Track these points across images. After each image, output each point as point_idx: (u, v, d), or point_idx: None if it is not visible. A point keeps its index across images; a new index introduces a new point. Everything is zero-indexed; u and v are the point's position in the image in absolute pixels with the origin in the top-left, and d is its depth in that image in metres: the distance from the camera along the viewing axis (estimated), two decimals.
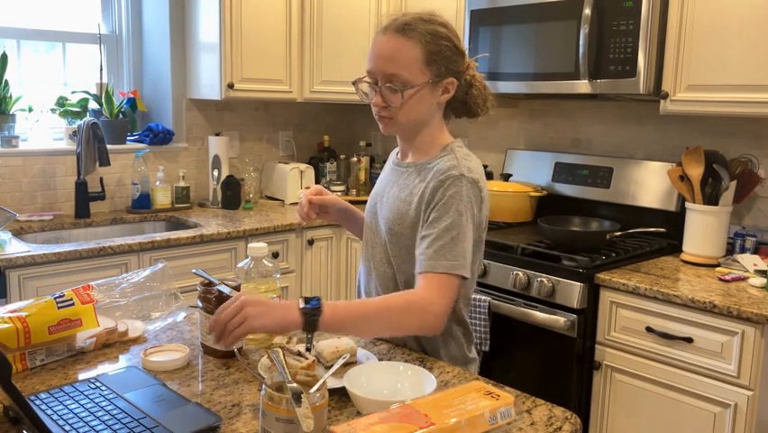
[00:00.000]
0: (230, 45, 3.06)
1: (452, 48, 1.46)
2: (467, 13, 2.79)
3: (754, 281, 2.09)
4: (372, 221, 1.59)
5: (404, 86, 1.42)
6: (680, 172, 2.38)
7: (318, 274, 3.16)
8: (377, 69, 1.44)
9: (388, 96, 1.44)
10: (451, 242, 1.37)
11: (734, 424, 1.92)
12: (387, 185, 1.59)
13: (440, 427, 0.98)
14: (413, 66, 1.42)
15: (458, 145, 1.52)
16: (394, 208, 1.51)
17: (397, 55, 1.42)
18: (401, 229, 1.48)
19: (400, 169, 1.57)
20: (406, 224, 1.47)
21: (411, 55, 1.41)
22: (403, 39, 1.42)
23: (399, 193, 1.51)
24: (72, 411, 1.14)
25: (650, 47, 2.28)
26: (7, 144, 2.84)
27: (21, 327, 1.30)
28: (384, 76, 1.43)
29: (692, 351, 1.99)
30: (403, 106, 1.44)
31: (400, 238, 1.49)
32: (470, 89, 1.52)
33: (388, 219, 1.52)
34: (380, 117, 1.49)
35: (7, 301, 2.24)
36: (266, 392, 1.00)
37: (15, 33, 3.02)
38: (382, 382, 1.26)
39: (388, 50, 1.43)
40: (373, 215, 1.59)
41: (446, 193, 1.40)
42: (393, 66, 1.42)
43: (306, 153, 3.82)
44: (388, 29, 1.44)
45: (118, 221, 3.02)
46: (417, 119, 1.49)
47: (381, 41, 1.45)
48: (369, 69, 1.47)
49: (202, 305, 1.43)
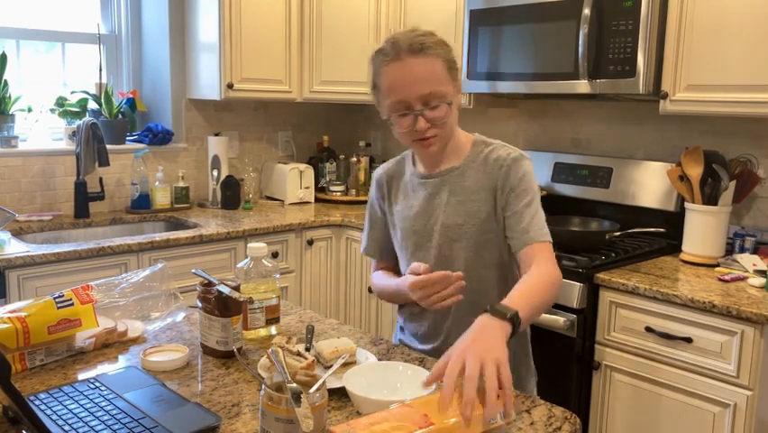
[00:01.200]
0: (229, 45, 3.06)
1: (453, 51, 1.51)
2: (466, 13, 2.79)
3: (754, 281, 2.09)
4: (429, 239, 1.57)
5: (443, 99, 1.45)
6: (679, 172, 2.38)
7: (318, 274, 3.16)
8: (412, 94, 1.43)
9: (432, 116, 1.45)
10: (537, 214, 1.47)
11: (733, 424, 1.92)
12: (429, 198, 1.57)
13: (439, 426, 0.98)
14: (443, 79, 1.45)
15: (481, 137, 1.59)
16: (460, 213, 1.52)
17: (426, 74, 1.43)
18: (476, 227, 1.51)
19: (438, 179, 1.56)
20: (480, 220, 1.51)
21: (438, 69, 1.44)
22: (423, 57, 1.43)
23: (456, 198, 1.53)
24: (71, 411, 1.14)
25: (649, 47, 2.28)
26: (7, 144, 2.84)
27: (20, 328, 1.30)
28: (421, 98, 1.43)
29: (692, 351, 1.99)
30: (447, 120, 1.47)
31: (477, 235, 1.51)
32: None
33: (458, 225, 1.52)
34: (425, 139, 1.48)
35: (7, 301, 2.24)
36: (265, 392, 1.00)
37: (15, 33, 3.02)
38: (382, 382, 1.25)
39: (416, 72, 1.43)
40: (429, 232, 1.56)
41: (518, 174, 1.48)
42: (428, 85, 1.43)
43: (306, 153, 3.82)
44: (399, 55, 1.43)
45: (117, 221, 3.02)
46: (454, 128, 1.53)
47: (402, 67, 1.43)
48: (399, 99, 1.45)
49: (201, 305, 1.43)
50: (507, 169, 1.49)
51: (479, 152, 1.55)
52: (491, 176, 1.51)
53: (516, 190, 1.48)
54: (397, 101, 1.45)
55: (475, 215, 1.51)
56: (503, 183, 1.49)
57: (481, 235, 1.51)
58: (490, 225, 1.51)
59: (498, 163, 1.51)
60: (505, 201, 1.49)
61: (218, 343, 1.41)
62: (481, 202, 1.51)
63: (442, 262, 1.55)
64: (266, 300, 1.55)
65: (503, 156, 1.51)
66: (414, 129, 1.45)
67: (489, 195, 1.51)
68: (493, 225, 1.51)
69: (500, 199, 1.50)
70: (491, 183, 1.51)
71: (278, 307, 1.59)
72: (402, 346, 1.55)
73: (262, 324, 1.56)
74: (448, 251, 1.54)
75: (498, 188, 1.50)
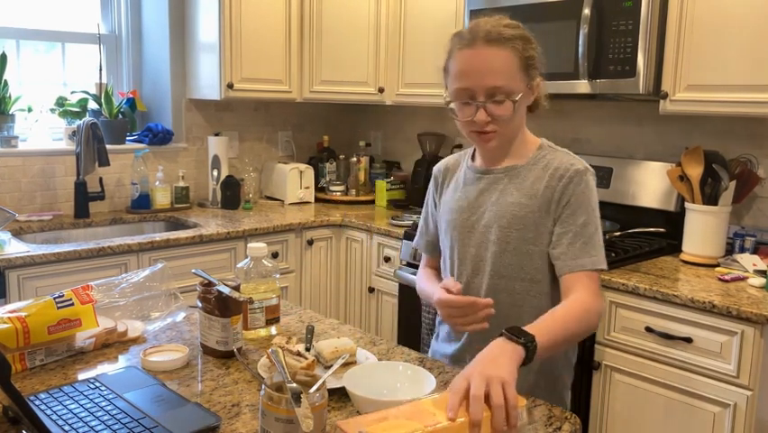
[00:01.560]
0: (229, 45, 3.06)
1: (537, 48, 1.43)
2: (466, 12, 2.79)
3: (754, 281, 2.09)
4: (468, 236, 1.51)
5: (509, 95, 1.37)
6: (679, 172, 2.38)
7: (318, 274, 3.16)
8: (477, 84, 1.37)
9: (494, 110, 1.38)
10: (590, 238, 1.39)
11: (733, 424, 1.92)
12: (479, 194, 1.51)
13: (446, 425, 0.98)
14: (514, 74, 1.38)
15: (549, 143, 1.52)
16: (507, 214, 1.44)
17: (496, 66, 1.36)
18: (518, 233, 1.43)
19: (493, 176, 1.50)
20: (525, 227, 1.43)
21: (509, 63, 1.37)
22: (497, 49, 1.37)
23: (506, 198, 1.46)
24: (71, 411, 1.14)
25: (649, 47, 2.28)
26: (7, 144, 2.84)
27: (20, 328, 1.30)
28: (486, 90, 1.37)
29: (692, 351, 1.99)
30: (511, 116, 1.40)
31: (519, 243, 1.43)
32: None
33: (501, 227, 1.45)
34: (483, 133, 1.42)
35: (7, 301, 2.24)
36: (265, 392, 1.00)
37: (15, 33, 3.02)
38: (382, 382, 1.25)
39: (486, 62, 1.37)
40: (470, 228, 1.51)
41: (577, 189, 1.40)
42: (495, 78, 1.36)
43: (306, 153, 3.82)
44: (475, 42, 1.37)
45: (117, 221, 3.02)
46: (518, 126, 1.47)
47: (473, 55, 1.38)
48: (464, 87, 1.39)
49: (201, 305, 1.43)
50: (567, 181, 1.41)
51: (541, 156, 1.48)
52: (549, 184, 1.43)
53: (572, 206, 1.40)
54: (462, 88, 1.40)
55: (522, 220, 1.43)
56: (560, 195, 1.41)
57: (524, 245, 1.44)
58: (537, 236, 1.43)
59: (559, 172, 1.42)
60: (558, 215, 1.41)
61: (218, 343, 1.41)
62: (532, 209, 1.43)
63: (477, 265, 1.49)
64: (266, 300, 1.55)
65: (565, 165, 1.43)
66: (473, 120, 1.40)
67: (542, 204, 1.43)
68: (539, 238, 1.43)
69: (554, 212, 1.42)
70: (548, 192, 1.42)
71: (278, 307, 1.59)
72: (402, 347, 1.55)
73: (262, 324, 1.56)
74: (485, 253, 1.48)
75: (554, 199, 1.42)
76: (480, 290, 1.49)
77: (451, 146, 3.45)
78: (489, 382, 1.02)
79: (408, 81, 3.21)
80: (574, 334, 1.32)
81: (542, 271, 1.44)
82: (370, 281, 3.10)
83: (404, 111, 3.71)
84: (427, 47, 3.09)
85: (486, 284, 1.49)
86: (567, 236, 1.40)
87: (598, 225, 1.41)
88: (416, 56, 3.15)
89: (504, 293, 1.46)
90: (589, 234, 1.39)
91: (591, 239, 1.39)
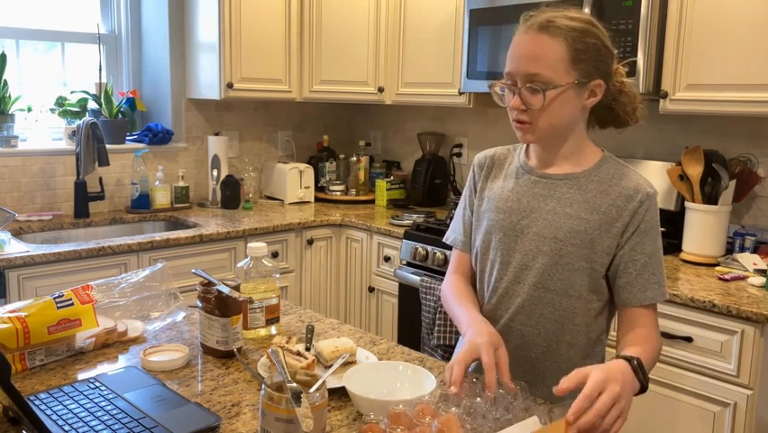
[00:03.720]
0: (229, 45, 3.06)
1: (602, 46, 1.33)
2: (466, 12, 2.79)
3: (754, 281, 2.09)
4: (516, 241, 1.41)
5: (546, 86, 1.29)
6: (679, 172, 2.38)
7: (318, 274, 3.16)
8: (517, 69, 1.32)
9: (528, 98, 1.31)
10: (657, 268, 1.35)
11: (733, 423, 1.92)
12: (532, 198, 1.41)
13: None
14: (557, 65, 1.29)
15: (612, 156, 1.44)
16: (564, 226, 1.36)
17: (539, 53, 1.29)
18: (574, 248, 1.35)
19: (550, 181, 1.40)
20: (582, 243, 1.35)
21: (555, 53, 1.29)
22: (545, 36, 1.30)
23: (565, 209, 1.37)
24: (71, 411, 1.14)
25: (649, 46, 2.28)
26: (6, 144, 2.84)
27: (20, 328, 1.30)
28: (525, 76, 1.30)
29: (692, 350, 1.99)
30: (545, 109, 1.31)
31: (573, 258, 1.35)
32: (620, 96, 1.41)
33: (555, 238, 1.36)
34: (519, 122, 1.35)
35: (6, 301, 2.24)
36: (265, 392, 1.00)
37: (14, 33, 3.02)
38: (382, 382, 1.25)
39: (529, 48, 1.31)
40: (519, 232, 1.40)
41: (647, 214, 1.34)
42: (535, 65, 1.29)
43: (306, 153, 3.82)
44: (530, 27, 1.32)
45: (117, 221, 3.02)
46: (560, 124, 1.35)
47: (523, 40, 1.33)
48: (508, 71, 1.34)
49: (201, 305, 1.43)
50: (638, 204, 1.34)
51: (605, 169, 1.39)
52: (616, 203, 1.35)
53: (642, 233, 1.33)
54: (507, 71, 1.35)
55: (580, 235, 1.34)
56: (629, 219, 1.33)
57: (578, 261, 1.35)
58: (591, 253, 1.35)
59: (629, 192, 1.35)
60: (625, 240, 1.34)
61: (218, 343, 1.41)
62: (593, 225, 1.34)
63: (520, 273, 1.40)
64: (266, 300, 1.55)
65: (641, 188, 1.35)
66: (510, 106, 1.34)
67: (604, 221, 1.34)
68: (593, 255, 1.35)
69: (618, 235, 1.34)
70: (613, 211, 1.34)
71: (277, 306, 1.59)
72: (402, 346, 1.54)
73: (262, 324, 1.56)
74: (533, 263, 1.38)
75: (620, 220, 1.34)
76: (518, 299, 1.40)
77: (451, 146, 3.46)
78: (616, 401, 1.05)
79: (408, 81, 3.21)
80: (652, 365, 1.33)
81: (590, 290, 1.37)
82: (370, 281, 3.10)
83: (404, 110, 3.71)
84: (427, 46, 3.09)
85: (527, 294, 1.39)
86: (635, 265, 1.34)
87: (662, 254, 1.37)
88: (416, 55, 3.15)
89: (548, 307, 1.38)
90: (657, 263, 1.35)
91: (658, 269, 1.35)
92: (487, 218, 1.45)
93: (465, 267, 1.54)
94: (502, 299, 1.42)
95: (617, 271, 1.35)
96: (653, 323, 1.35)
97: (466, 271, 1.54)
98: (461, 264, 1.55)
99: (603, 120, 1.45)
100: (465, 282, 1.53)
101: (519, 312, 1.40)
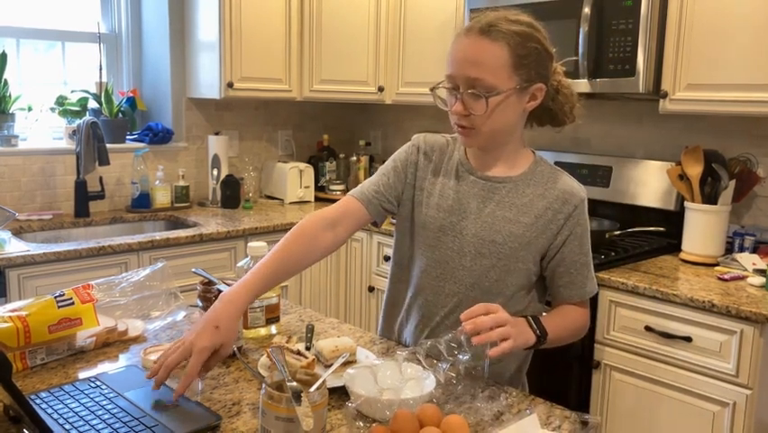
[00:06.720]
0: (229, 44, 3.06)
1: (542, 50, 1.34)
2: (466, 12, 2.79)
3: (753, 280, 2.09)
4: (452, 240, 1.43)
5: (488, 92, 1.29)
6: (679, 171, 2.38)
7: (318, 273, 3.16)
8: (458, 73, 1.31)
9: (471, 104, 1.31)
10: (590, 265, 1.45)
11: (732, 423, 1.92)
12: (472, 199, 1.43)
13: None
14: (499, 70, 1.29)
15: (543, 157, 1.48)
16: (502, 230, 1.39)
17: (481, 58, 1.29)
18: (512, 251, 1.39)
19: (490, 183, 1.43)
20: (519, 245, 1.39)
21: (497, 58, 1.29)
22: (487, 41, 1.29)
23: (504, 212, 1.40)
24: (72, 410, 1.14)
25: (649, 46, 2.28)
26: (7, 144, 2.84)
27: (21, 327, 1.30)
28: (466, 81, 1.30)
29: (691, 350, 2.00)
30: (488, 116, 1.31)
31: (510, 260, 1.39)
32: (557, 95, 1.42)
33: (493, 241, 1.39)
34: (461, 128, 1.36)
35: (7, 301, 2.24)
36: (266, 391, 1.00)
37: (15, 32, 3.02)
38: (382, 381, 1.26)
39: (471, 52, 1.30)
40: (456, 232, 1.43)
41: (581, 218, 1.42)
42: (477, 70, 1.29)
43: (306, 153, 3.82)
44: (470, 30, 1.31)
45: (118, 220, 3.02)
46: (502, 129, 1.36)
47: (463, 43, 1.32)
48: (449, 74, 1.34)
49: (202, 304, 1.43)
50: (572, 208, 1.40)
51: (540, 172, 1.43)
52: (552, 206, 1.40)
53: (579, 236, 1.41)
54: (447, 75, 1.35)
55: (517, 238, 1.39)
56: (568, 224, 1.39)
57: (513, 263, 1.40)
58: (528, 255, 1.40)
59: (564, 196, 1.40)
60: (562, 242, 1.40)
61: None
62: (528, 228, 1.39)
63: (455, 271, 1.43)
64: (266, 299, 1.55)
65: (574, 191, 1.41)
66: (452, 110, 1.35)
67: (541, 224, 1.39)
68: (528, 256, 1.40)
69: (558, 238, 1.40)
70: (550, 213, 1.39)
71: (278, 306, 1.59)
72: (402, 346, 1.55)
73: (262, 323, 1.56)
74: (470, 264, 1.42)
75: (560, 226, 1.39)
76: (455, 299, 1.44)
77: None
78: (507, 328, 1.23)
79: (408, 80, 3.21)
80: (563, 342, 1.42)
81: (520, 288, 1.43)
82: (370, 280, 3.10)
83: (404, 110, 3.71)
84: (427, 46, 3.09)
85: (463, 294, 1.43)
86: (575, 266, 1.42)
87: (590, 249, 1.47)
88: (416, 55, 3.16)
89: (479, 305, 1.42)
90: (590, 261, 1.45)
91: (590, 266, 1.46)
92: (423, 214, 1.46)
93: (346, 217, 1.44)
94: (438, 297, 1.46)
95: (558, 273, 1.43)
96: (586, 312, 1.48)
97: (342, 220, 1.43)
98: (345, 212, 1.44)
99: (540, 119, 1.47)
100: (312, 234, 1.39)
101: (454, 311, 1.43)
